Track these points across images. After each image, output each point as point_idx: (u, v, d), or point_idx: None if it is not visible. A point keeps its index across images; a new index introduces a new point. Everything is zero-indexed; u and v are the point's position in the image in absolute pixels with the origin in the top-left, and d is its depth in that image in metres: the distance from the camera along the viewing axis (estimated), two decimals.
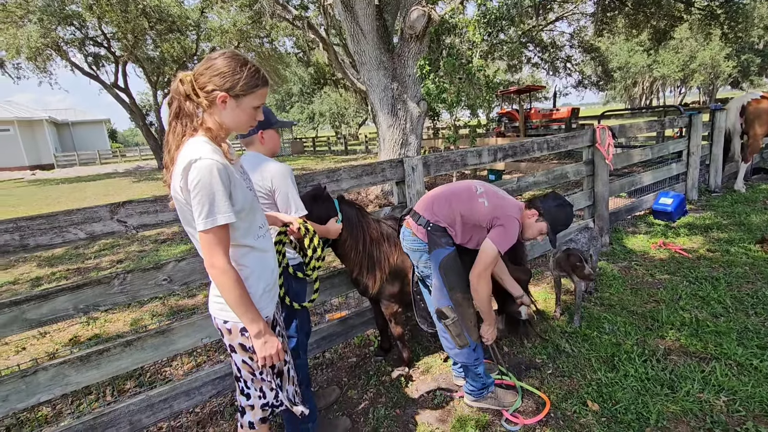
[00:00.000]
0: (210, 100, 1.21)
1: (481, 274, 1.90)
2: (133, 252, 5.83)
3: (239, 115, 1.26)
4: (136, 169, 23.10)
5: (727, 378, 2.11)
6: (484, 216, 1.96)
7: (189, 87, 1.22)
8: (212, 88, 1.20)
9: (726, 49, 29.72)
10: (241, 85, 1.22)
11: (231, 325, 1.34)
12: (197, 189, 1.16)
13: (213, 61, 1.22)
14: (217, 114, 1.24)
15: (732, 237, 4.04)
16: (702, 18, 11.77)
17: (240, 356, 1.38)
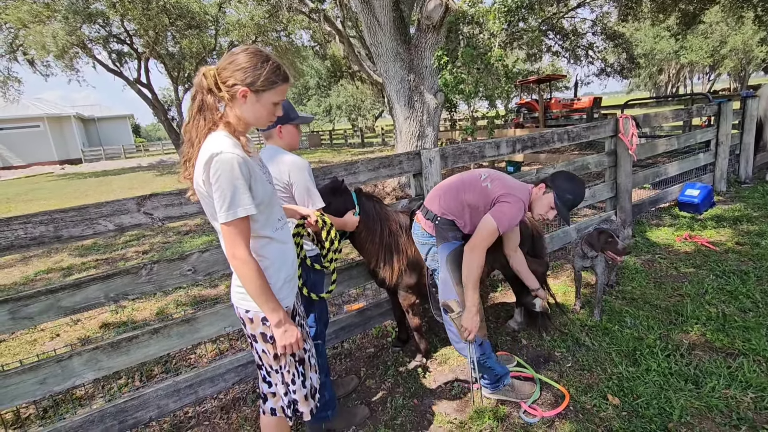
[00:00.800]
0: (231, 94, 1.24)
1: (475, 248, 1.87)
2: (158, 243, 6.00)
3: (259, 110, 1.28)
4: (159, 163, 23.68)
5: (755, 374, 2.05)
6: (488, 197, 1.96)
7: (212, 81, 1.24)
8: (233, 83, 1.22)
9: (760, 33, 28.27)
10: (261, 81, 1.24)
11: (253, 314, 1.37)
12: (219, 182, 1.19)
13: (235, 57, 1.24)
14: (237, 108, 1.27)
15: (763, 230, 3.89)
16: (734, 0, 11.22)
17: (261, 346, 1.41)
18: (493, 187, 1.97)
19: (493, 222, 1.87)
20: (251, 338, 1.43)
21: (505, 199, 1.90)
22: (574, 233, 3.89)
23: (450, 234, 2.00)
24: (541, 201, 2.00)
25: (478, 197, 1.98)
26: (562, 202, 1.97)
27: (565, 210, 1.98)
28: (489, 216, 1.88)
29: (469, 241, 1.91)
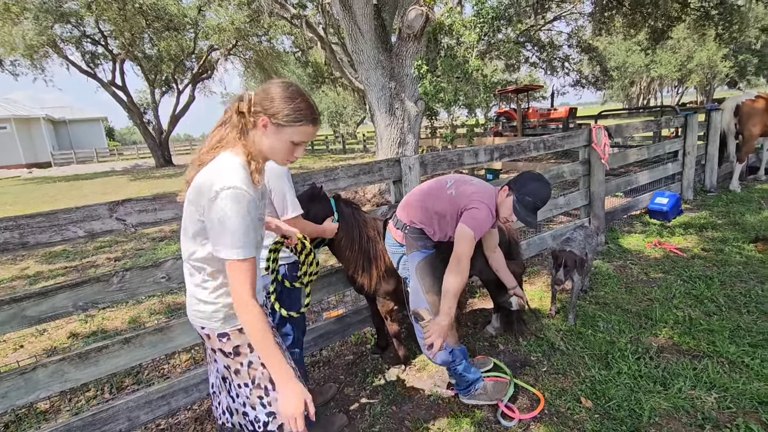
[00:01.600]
0: (254, 121, 1.24)
1: (461, 258, 1.86)
2: (131, 250, 5.83)
3: (275, 143, 1.26)
4: (134, 167, 23.04)
5: (719, 375, 2.14)
6: (454, 205, 1.97)
7: (246, 106, 1.24)
8: (259, 110, 1.23)
9: (723, 50, 29.81)
10: (284, 114, 1.22)
11: (208, 331, 1.34)
12: (229, 216, 1.15)
13: (270, 86, 1.26)
14: (257, 136, 1.26)
15: (726, 236, 4.08)
16: (697, 18, 11.82)
17: (222, 361, 1.37)
18: (458, 194, 1.98)
19: (469, 230, 1.89)
20: (211, 352, 1.39)
21: (473, 206, 1.92)
22: (550, 240, 3.99)
23: (419, 243, 2.03)
24: (504, 204, 2.00)
25: (445, 205, 2.00)
26: (522, 205, 1.95)
27: (524, 212, 1.95)
28: (463, 225, 1.90)
29: (453, 254, 1.91)
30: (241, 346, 1.33)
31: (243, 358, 1.34)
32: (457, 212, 1.97)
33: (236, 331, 1.33)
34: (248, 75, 21.62)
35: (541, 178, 2.03)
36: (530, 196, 1.96)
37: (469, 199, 1.95)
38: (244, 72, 21.00)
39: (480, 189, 2.01)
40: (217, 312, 1.32)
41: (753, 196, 5.45)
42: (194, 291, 1.34)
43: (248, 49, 17.46)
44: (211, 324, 1.32)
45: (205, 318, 1.33)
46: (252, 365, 1.35)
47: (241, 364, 1.34)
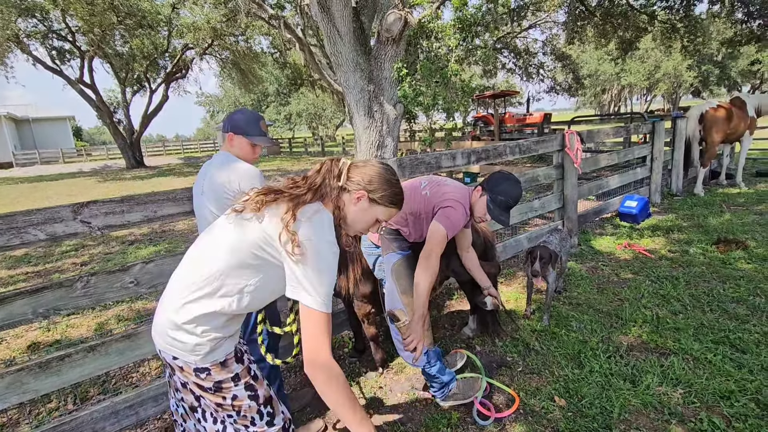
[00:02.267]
0: (348, 189, 1.29)
1: (430, 255, 1.87)
2: (99, 254, 5.60)
3: (362, 217, 1.32)
4: (104, 169, 22.21)
5: (684, 372, 2.22)
6: (427, 205, 1.98)
7: (342, 172, 1.29)
8: (358, 180, 1.29)
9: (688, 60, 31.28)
10: (382, 194, 1.31)
11: (182, 363, 1.21)
12: (323, 264, 1.16)
13: (372, 165, 1.34)
14: (344, 203, 1.29)
15: (691, 238, 4.26)
16: (664, 31, 12.35)
17: (197, 393, 1.27)
18: (432, 193, 2.00)
19: (442, 228, 1.90)
20: (182, 384, 1.28)
21: (447, 204, 1.93)
22: (525, 242, 4.07)
23: (395, 244, 2.03)
24: (477, 204, 2.02)
25: (419, 205, 2.01)
26: (495, 204, 1.98)
27: (498, 211, 1.98)
28: (436, 223, 1.91)
29: (423, 250, 1.92)
30: (223, 382, 1.24)
31: (226, 392, 1.25)
32: (431, 211, 1.98)
33: (218, 366, 1.22)
34: (224, 75, 21.26)
35: (511, 177, 2.06)
36: (502, 195, 1.99)
37: (443, 198, 1.97)
38: (221, 72, 20.62)
39: (454, 189, 2.03)
40: (201, 346, 1.19)
41: (715, 199, 5.72)
42: (179, 317, 1.18)
43: (224, 49, 17.14)
44: (188, 357, 1.19)
45: (182, 349, 1.19)
46: (237, 398, 1.27)
47: (223, 398, 1.26)
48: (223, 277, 1.18)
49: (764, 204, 5.28)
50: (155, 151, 33.26)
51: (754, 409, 1.93)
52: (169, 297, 1.24)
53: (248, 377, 1.30)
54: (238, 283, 1.19)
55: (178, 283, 1.24)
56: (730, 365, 2.24)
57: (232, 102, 35.20)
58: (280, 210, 1.20)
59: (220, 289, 1.18)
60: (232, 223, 1.24)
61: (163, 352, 1.25)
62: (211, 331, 1.20)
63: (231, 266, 1.18)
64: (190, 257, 1.28)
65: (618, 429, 1.89)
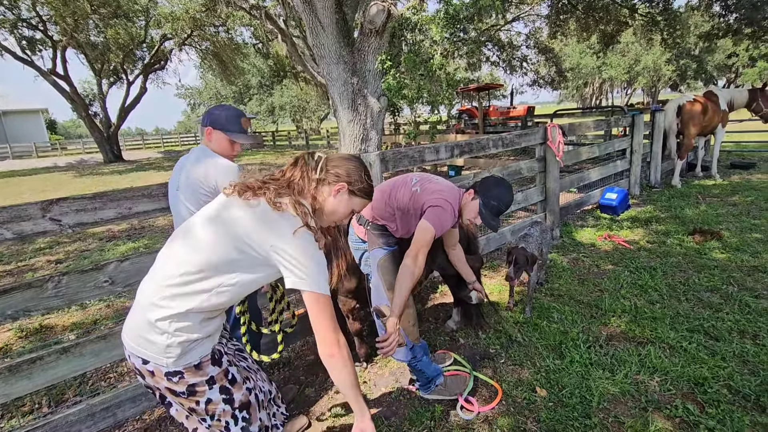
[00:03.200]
0: (328, 181, 1.31)
1: (418, 253, 1.85)
2: (75, 251, 5.44)
3: (340, 207, 1.34)
4: (80, 163, 21.54)
5: (660, 360, 2.28)
6: (417, 202, 1.96)
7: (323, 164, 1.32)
8: (336, 173, 1.32)
9: (666, 54, 31.93)
10: (360, 187, 1.36)
11: (153, 367, 1.17)
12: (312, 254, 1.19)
13: (350, 159, 1.38)
14: (325, 196, 1.32)
15: (668, 229, 4.36)
16: (644, 24, 12.54)
17: (171, 398, 1.24)
18: (423, 191, 1.98)
19: (430, 226, 1.88)
20: (154, 390, 1.25)
21: (436, 204, 1.92)
22: (509, 235, 4.10)
23: (382, 240, 2.02)
24: (469, 207, 2.02)
25: (408, 202, 1.99)
26: (488, 209, 1.98)
27: (489, 217, 1.99)
28: (425, 221, 1.89)
29: (410, 249, 1.89)
30: (197, 385, 1.21)
31: (200, 396, 1.22)
32: (420, 208, 1.96)
33: (192, 369, 1.19)
34: (205, 67, 20.77)
35: (504, 183, 2.05)
36: (495, 200, 1.99)
37: (434, 196, 1.95)
38: (201, 63, 20.13)
39: (445, 188, 2.02)
40: (172, 348, 1.15)
41: (692, 191, 5.87)
42: (153, 314, 1.15)
43: (204, 40, 16.73)
44: (159, 359, 1.16)
45: (153, 351, 1.15)
46: (211, 402, 1.24)
47: (196, 403, 1.22)
48: (201, 273, 1.16)
49: (738, 195, 5.44)
50: (134, 144, 32.40)
51: (726, 395, 1.99)
52: (145, 294, 1.20)
53: (224, 380, 1.27)
54: (216, 278, 1.17)
55: (153, 280, 1.21)
56: (704, 353, 2.31)
57: (213, 94, 34.48)
58: (261, 204, 1.19)
59: (196, 284, 1.16)
60: (212, 218, 1.21)
61: (132, 357, 1.20)
62: (185, 331, 1.17)
63: (210, 261, 1.16)
64: (165, 254, 1.25)
65: (597, 417, 1.93)
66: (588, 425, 1.89)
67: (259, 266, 1.20)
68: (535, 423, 1.95)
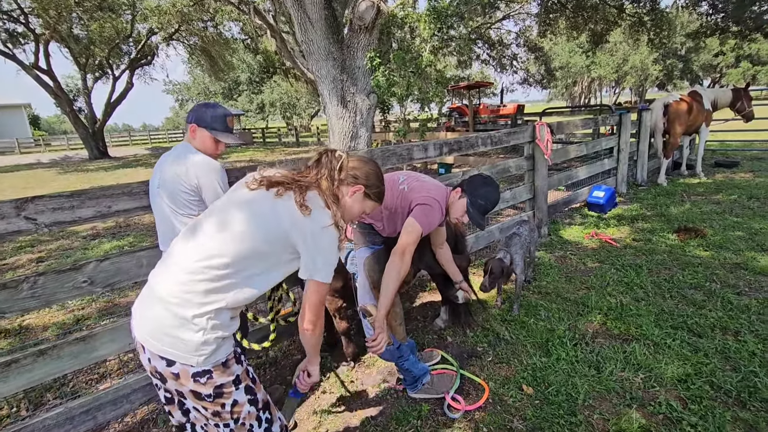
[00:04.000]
0: (348, 181, 1.39)
1: (405, 252, 1.84)
2: (57, 250, 5.32)
3: (354, 208, 1.43)
4: (64, 160, 21.10)
5: (645, 357, 2.30)
6: (405, 200, 1.95)
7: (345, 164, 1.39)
8: (355, 175, 1.40)
9: (654, 54, 32.39)
10: (375, 192, 1.46)
11: (179, 368, 1.13)
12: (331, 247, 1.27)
13: (368, 162, 1.46)
14: (341, 194, 1.39)
15: (654, 227, 4.42)
16: (632, 24, 12.67)
17: (192, 403, 1.20)
18: (410, 190, 1.96)
19: (417, 224, 1.87)
20: (177, 395, 1.21)
21: (424, 202, 1.91)
22: (497, 233, 4.11)
23: (368, 238, 2.01)
24: (456, 205, 2.02)
25: (396, 201, 1.97)
26: (475, 208, 1.98)
27: (477, 215, 1.98)
28: (412, 219, 1.87)
29: (396, 246, 1.88)
30: (224, 386, 1.18)
31: (227, 398, 1.19)
32: (408, 207, 1.95)
33: (220, 367, 1.17)
34: (193, 62, 20.46)
35: (492, 182, 2.05)
36: (482, 199, 1.99)
37: (421, 194, 1.94)
38: (189, 59, 19.83)
39: (432, 187, 2.00)
40: (206, 345, 1.13)
41: (677, 189, 5.95)
42: (189, 310, 1.12)
43: (192, 35, 16.47)
44: (189, 359, 1.12)
45: (184, 351, 1.12)
46: (237, 404, 1.22)
47: (222, 406, 1.19)
48: (233, 266, 1.17)
49: (722, 193, 5.53)
50: (120, 141, 31.85)
51: (709, 391, 2.02)
52: (167, 289, 1.15)
53: (248, 380, 1.26)
54: (247, 271, 1.19)
55: (174, 273, 1.17)
56: (687, 349, 2.34)
57: (202, 90, 34.03)
58: (293, 199, 1.24)
59: (229, 279, 1.17)
60: (242, 211, 1.22)
61: (153, 359, 1.15)
62: (219, 328, 1.17)
63: (243, 254, 1.17)
64: (185, 246, 1.21)
65: (582, 415, 1.94)
66: (573, 423, 1.90)
67: (286, 259, 1.26)
68: (521, 421, 1.95)
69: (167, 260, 1.22)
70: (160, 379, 1.17)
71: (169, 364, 1.13)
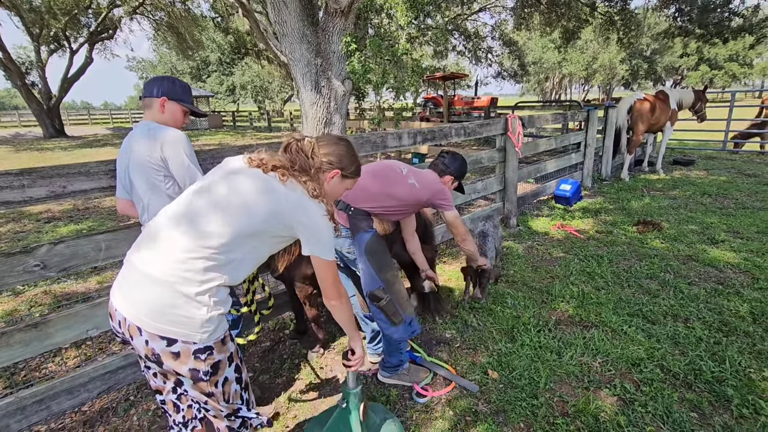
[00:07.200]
0: (324, 168, 1.39)
1: (465, 230, 2.31)
2: (9, 233, 5.00)
3: (333, 190, 1.45)
4: (15, 137, 19.73)
5: (603, 343, 2.42)
6: (423, 196, 2.14)
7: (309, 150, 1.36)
8: (329, 161, 1.40)
9: (621, 54, 33.49)
10: (352, 171, 1.47)
11: (180, 347, 1.13)
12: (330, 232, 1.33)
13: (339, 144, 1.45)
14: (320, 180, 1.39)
15: (615, 220, 4.62)
16: (602, 23, 13.03)
17: (190, 382, 1.19)
18: (421, 186, 2.14)
19: (454, 213, 2.23)
20: (175, 375, 1.20)
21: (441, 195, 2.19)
22: (468, 222, 4.18)
23: (365, 223, 1.99)
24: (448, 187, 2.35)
25: (410, 195, 2.12)
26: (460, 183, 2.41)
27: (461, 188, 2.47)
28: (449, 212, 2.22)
29: (458, 237, 2.33)
30: (221, 362, 1.20)
31: (219, 375, 1.21)
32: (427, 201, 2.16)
33: (219, 343, 1.20)
34: (159, 39, 19.47)
35: (460, 155, 2.42)
36: (462, 175, 2.39)
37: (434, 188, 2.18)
38: (155, 35, 18.85)
39: (431, 176, 2.26)
40: (211, 321, 1.15)
41: (638, 185, 6.23)
42: (191, 287, 1.12)
43: (158, 9, 15.65)
44: (194, 336, 1.13)
45: (186, 328, 1.12)
46: (227, 381, 1.24)
47: (216, 384, 1.21)
48: (232, 243, 1.18)
49: (678, 189, 5.84)
50: (79, 119, 30.10)
51: (659, 374, 2.15)
52: (160, 268, 1.13)
53: (237, 358, 1.30)
54: (243, 248, 1.21)
55: (164, 252, 1.15)
56: (641, 335, 2.48)
57: (168, 69, 32.52)
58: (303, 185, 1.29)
59: (225, 255, 1.17)
60: (241, 189, 1.22)
61: (151, 342, 1.12)
62: (220, 304, 1.19)
63: (241, 231, 1.19)
64: (187, 222, 1.17)
65: (543, 397, 2.02)
66: (535, 405, 1.98)
67: (279, 238, 1.30)
68: (486, 404, 2.01)
69: (155, 239, 1.18)
70: (155, 361, 1.15)
71: (169, 343, 1.12)
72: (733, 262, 3.40)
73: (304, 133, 1.47)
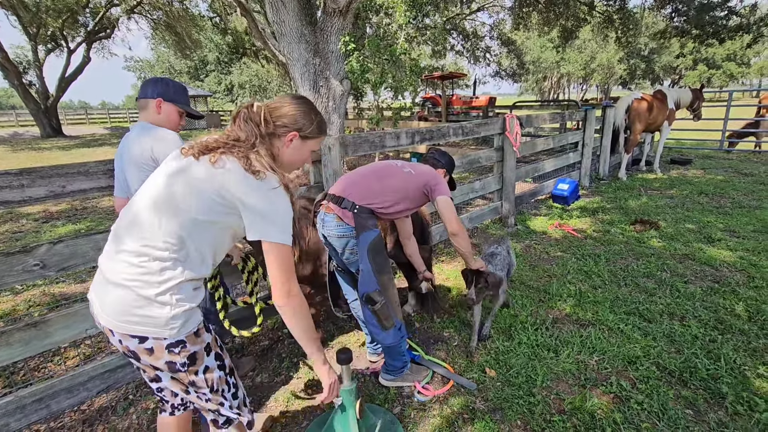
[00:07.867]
0: (278, 133, 1.28)
1: (458, 222, 2.12)
2: (6, 233, 4.99)
3: (296, 155, 1.33)
4: (13, 137, 19.66)
5: (600, 341, 2.43)
6: (419, 183, 2.12)
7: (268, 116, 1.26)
8: (283, 124, 1.28)
9: (619, 53, 33.56)
10: (311, 129, 1.32)
11: (152, 343, 1.13)
12: (284, 209, 1.20)
13: (288, 102, 1.31)
14: (276, 148, 1.29)
15: (613, 219, 4.64)
16: (601, 21, 13.06)
17: (169, 375, 1.22)
18: (416, 173, 2.13)
19: (447, 198, 2.09)
20: (153, 369, 1.22)
21: (436, 180, 2.14)
22: (467, 222, 4.20)
23: (371, 222, 1.96)
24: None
25: (408, 184, 2.09)
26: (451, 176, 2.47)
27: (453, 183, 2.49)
28: (442, 196, 2.09)
29: (450, 223, 2.10)
30: (197, 353, 1.20)
31: (199, 365, 1.21)
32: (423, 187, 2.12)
33: (192, 336, 1.18)
34: (157, 38, 19.43)
35: (447, 152, 2.50)
36: (452, 169, 2.45)
37: (428, 173, 2.16)
38: (153, 34, 18.81)
39: (428, 168, 2.24)
40: (176, 319, 1.13)
41: (635, 184, 6.26)
42: (150, 290, 1.10)
43: (156, 9, 15.61)
44: (163, 332, 1.12)
45: (154, 326, 1.11)
46: (209, 369, 1.24)
47: (195, 374, 1.21)
48: (180, 240, 1.14)
49: (675, 189, 5.87)
50: (77, 119, 30.02)
51: (655, 371, 2.17)
52: (119, 272, 1.12)
53: (216, 347, 1.29)
54: (194, 242, 1.17)
55: (121, 255, 1.14)
56: (638, 333, 2.49)
57: (166, 69, 32.46)
58: (237, 164, 1.18)
59: (179, 252, 1.14)
60: (176, 182, 1.16)
61: (124, 340, 1.13)
62: (185, 300, 1.16)
63: (185, 226, 1.14)
64: (136, 226, 1.16)
65: (540, 395, 2.04)
66: (532, 402, 1.99)
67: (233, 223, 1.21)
68: (483, 402, 2.03)
69: (116, 244, 1.18)
70: (134, 357, 1.18)
71: (141, 341, 1.13)
72: (730, 260, 3.42)
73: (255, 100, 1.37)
